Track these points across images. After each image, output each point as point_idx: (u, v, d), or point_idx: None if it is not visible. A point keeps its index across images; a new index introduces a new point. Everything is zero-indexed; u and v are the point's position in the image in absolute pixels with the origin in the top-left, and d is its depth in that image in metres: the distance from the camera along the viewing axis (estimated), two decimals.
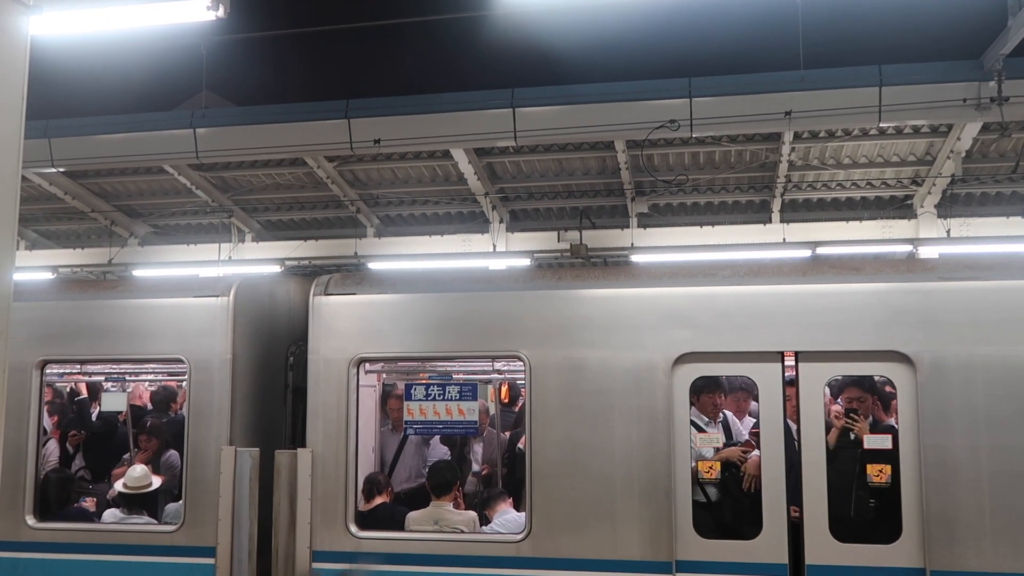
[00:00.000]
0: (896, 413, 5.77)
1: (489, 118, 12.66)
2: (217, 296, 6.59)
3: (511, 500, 6.68)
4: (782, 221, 14.58)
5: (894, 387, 5.75)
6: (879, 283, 5.81)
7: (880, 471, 5.71)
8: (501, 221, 15.23)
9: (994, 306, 5.61)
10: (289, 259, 15.69)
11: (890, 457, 5.69)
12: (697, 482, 5.92)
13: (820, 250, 13.44)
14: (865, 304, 5.76)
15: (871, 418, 6.02)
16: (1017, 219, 13.75)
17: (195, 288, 6.79)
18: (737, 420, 6.85)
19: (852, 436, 5.91)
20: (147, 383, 9.09)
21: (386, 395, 7.77)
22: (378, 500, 6.64)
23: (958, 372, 5.55)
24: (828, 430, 5.85)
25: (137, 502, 6.83)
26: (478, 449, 7.95)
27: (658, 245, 14.53)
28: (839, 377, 6.15)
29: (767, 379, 5.85)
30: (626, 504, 5.78)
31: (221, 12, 5.38)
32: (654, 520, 5.73)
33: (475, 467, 7.89)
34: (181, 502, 6.47)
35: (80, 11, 5.31)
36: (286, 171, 14.92)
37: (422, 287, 6.44)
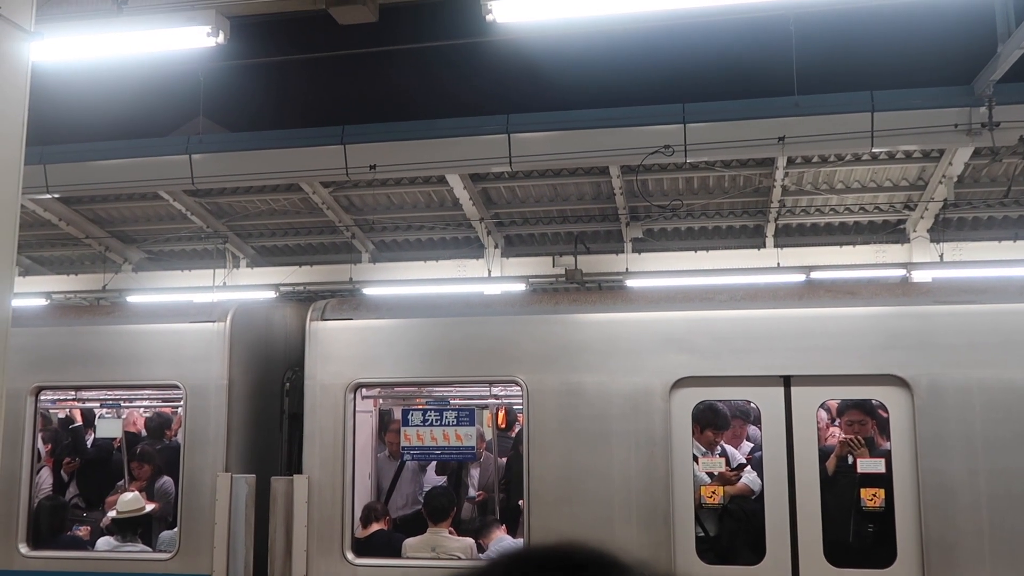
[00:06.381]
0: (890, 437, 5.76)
1: (484, 144, 12.70)
2: (213, 322, 6.57)
3: (504, 527, 6.64)
4: (776, 246, 14.61)
5: (886, 411, 5.75)
6: (875, 307, 5.82)
7: (874, 495, 5.69)
8: (496, 246, 15.24)
9: (991, 329, 5.62)
10: (284, 285, 15.64)
11: (884, 481, 5.68)
12: (701, 507, 5.89)
13: (814, 274, 13.46)
14: (861, 328, 5.76)
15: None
16: (1009, 243, 13.82)
17: (191, 314, 6.77)
18: (733, 449, 6.82)
19: (849, 460, 5.89)
20: (142, 409, 9.03)
21: (383, 427, 7.72)
22: (375, 527, 6.59)
23: (955, 395, 5.55)
24: (825, 455, 5.84)
25: (131, 529, 6.77)
26: (475, 474, 7.91)
27: (652, 270, 14.55)
28: (837, 401, 6.14)
29: (769, 403, 5.83)
30: (624, 529, 5.75)
31: (221, 38, 5.42)
32: (653, 546, 5.70)
33: (471, 493, 7.83)
34: (176, 529, 6.41)
35: (81, 37, 5.32)
36: (281, 197, 14.93)
37: (419, 312, 6.43)
